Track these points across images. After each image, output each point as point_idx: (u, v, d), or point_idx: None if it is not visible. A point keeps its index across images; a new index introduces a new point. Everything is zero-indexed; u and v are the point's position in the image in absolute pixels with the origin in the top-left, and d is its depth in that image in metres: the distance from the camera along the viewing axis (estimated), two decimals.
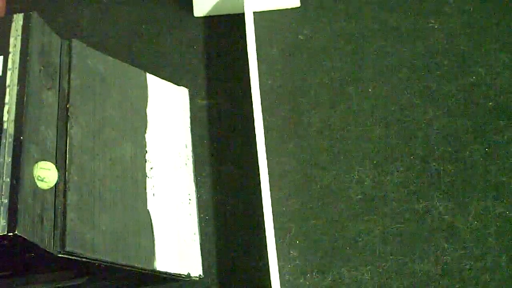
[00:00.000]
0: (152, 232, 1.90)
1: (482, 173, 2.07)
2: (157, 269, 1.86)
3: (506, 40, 2.29)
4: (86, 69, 1.90)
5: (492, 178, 2.06)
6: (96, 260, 1.71)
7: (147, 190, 1.95)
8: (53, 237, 1.64)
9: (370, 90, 2.24)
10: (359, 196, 2.06)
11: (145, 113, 2.05)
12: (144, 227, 1.88)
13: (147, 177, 1.96)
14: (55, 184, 1.67)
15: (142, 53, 2.36)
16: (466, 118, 2.16)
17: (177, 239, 1.96)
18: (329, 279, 1.95)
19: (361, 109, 2.20)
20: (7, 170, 1.58)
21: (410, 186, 2.07)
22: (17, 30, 1.77)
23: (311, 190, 2.08)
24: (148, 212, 1.92)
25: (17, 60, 1.72)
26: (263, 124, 2.12)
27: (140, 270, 1.82)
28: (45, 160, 1.64)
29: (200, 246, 2.01)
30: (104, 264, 1.73)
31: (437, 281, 1.93)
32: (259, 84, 2.17)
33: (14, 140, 1.62)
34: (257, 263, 2.00)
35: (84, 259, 1.69)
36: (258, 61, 2.23)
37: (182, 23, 2.43)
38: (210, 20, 2.42)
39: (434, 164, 2.09)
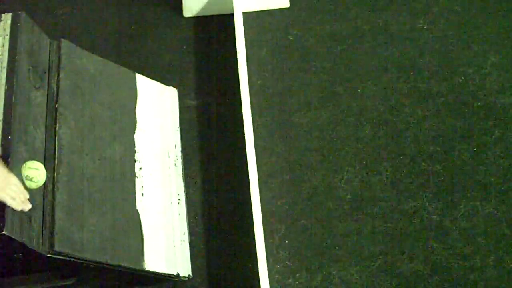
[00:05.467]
0: (141, 232, 1.90)
1: (471, 173, 2.08)
2: (146, 269, 1.86)
3: (494, 41, 2.30)
4: (75, 69, 1.90)
5: (480, 178, 2.07)
6: (85, 260, 1.71)
7: (136, 190, 1.94)
8: (42, 237, 1.63)
9: (359, 90, 2.24)
10: (348, 196, 2.06)
11: (134, 113, 2.05)
12: (133, 227, 1.88)
13: (136, 177, 1.96)
14: (44, 184, 1.66)
15: (131, 53, 2.36)
16: (455, 118, 2.17)
17: (166, 239, 1.96)
18: (318, 279, 1.96)
19: (350, 110, 2.21)
20: None
21: (399, 186, 2.07)
22: (5, 30, 1.77)
23: (300, 190, 2.08)
24: (137, 212, 1.91)
25: (6, 60, 1.72)
26: (252, 124, 2.12)
27: (128, 270, 1.82)
28: (34, 160, 1.64)
29: (189, 246, 2.01)
30: (93, 264, 1.73)
31: (426, 280, 1.93)
32: (248, 85, 2.17)
33: (2, 140, 1.61)
34: (246, 263, 2.00)
35: (73, 259, 1.68)
36: (247, 62, 2.24)
37: (172, 24, 2.42)
38: (199, 20, 2.42)
39: (423, 164, 2.10)
